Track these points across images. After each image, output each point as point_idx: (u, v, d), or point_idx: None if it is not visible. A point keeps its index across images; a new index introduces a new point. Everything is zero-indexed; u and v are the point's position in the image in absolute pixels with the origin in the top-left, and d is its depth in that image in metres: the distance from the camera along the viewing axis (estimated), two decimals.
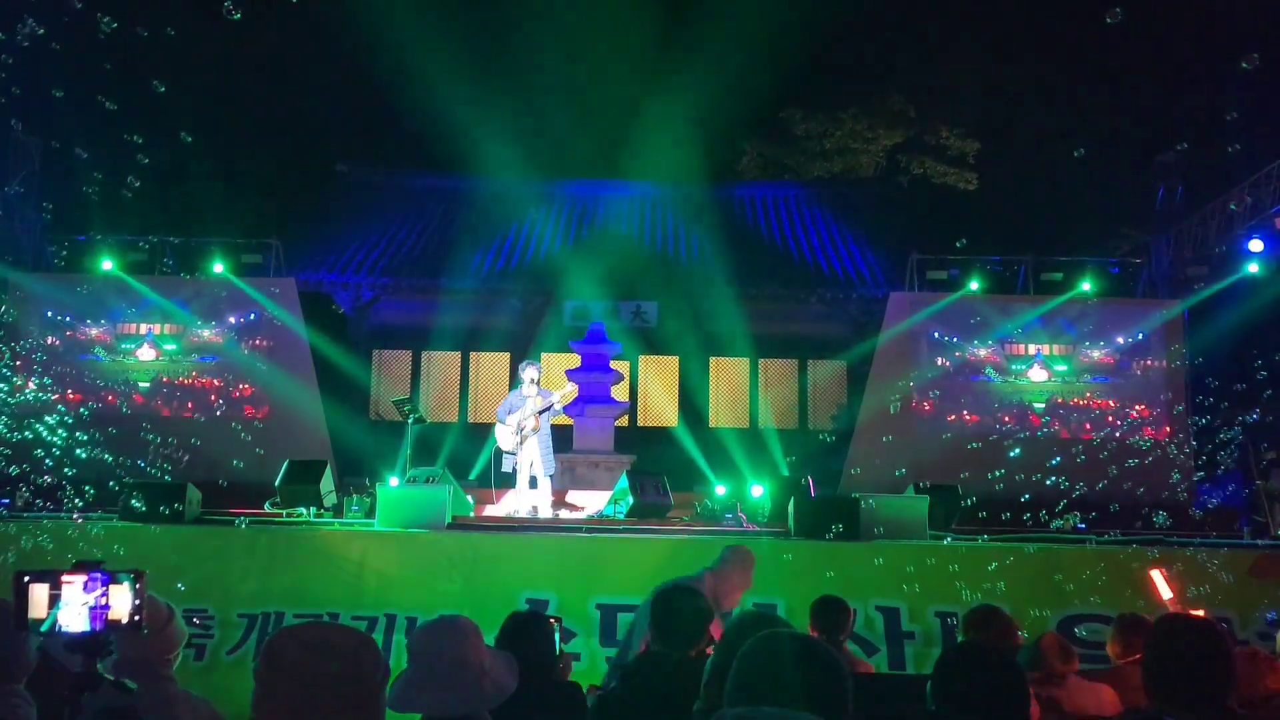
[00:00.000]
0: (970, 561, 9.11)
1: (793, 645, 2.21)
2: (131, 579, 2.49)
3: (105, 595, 2.47)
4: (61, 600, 2.44)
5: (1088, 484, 13.59)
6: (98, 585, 2.48)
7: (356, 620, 8.65)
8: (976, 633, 4.84)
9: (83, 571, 2.48)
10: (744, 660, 2.12)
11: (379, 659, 2.13)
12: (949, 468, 13.25)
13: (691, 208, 21.35)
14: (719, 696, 2.39)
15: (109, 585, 2.49)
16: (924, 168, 26.71)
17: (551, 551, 9.36)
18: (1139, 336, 15.07)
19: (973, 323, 15.18)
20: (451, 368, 20.34)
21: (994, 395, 15.18)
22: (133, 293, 14.86)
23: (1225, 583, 8.89)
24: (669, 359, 20.25)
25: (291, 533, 9.55)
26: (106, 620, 2.50)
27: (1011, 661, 2.99)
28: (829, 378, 20.41)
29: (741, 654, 2.13)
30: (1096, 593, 8.73)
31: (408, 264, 19.46)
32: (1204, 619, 3.62)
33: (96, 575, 2.49)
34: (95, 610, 2.47)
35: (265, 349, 14.78)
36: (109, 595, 2.47)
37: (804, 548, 9.37)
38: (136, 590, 2.50)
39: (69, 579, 2.48)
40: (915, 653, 8.62)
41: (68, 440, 13.42)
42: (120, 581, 2.50)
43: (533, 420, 11.57)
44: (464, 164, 22.23)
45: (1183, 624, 3.30)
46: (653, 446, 17.19)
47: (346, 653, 2.07)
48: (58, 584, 2.47)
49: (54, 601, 2.45)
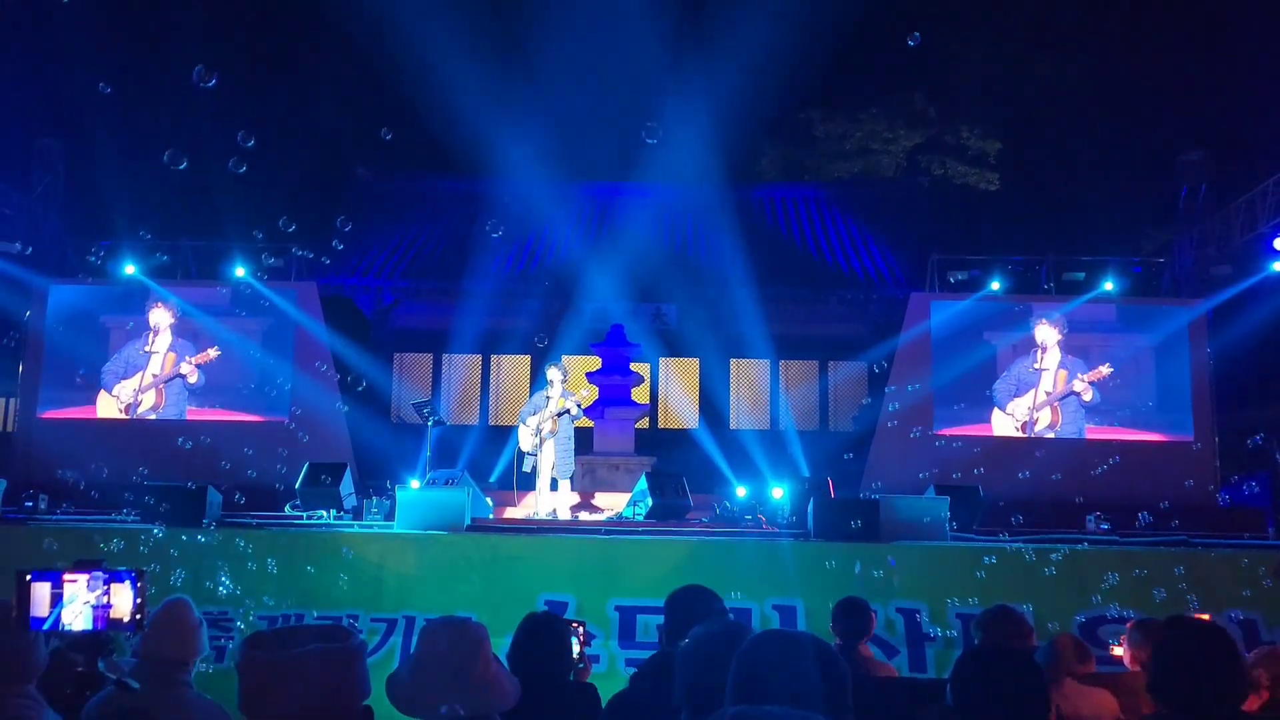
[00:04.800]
0: (991, 563, 9.05)
1: (791, 644, 2.20)
2: (133, 578, 2.49)
3: (107, 594, 2.46)
4: (64, 599, 2.44)
5: (1111, 485, 13.48)
6: (99, 584, 2.47)
7: (376, 622, 8.68)
8: (989, 633, 4.82)
9: (84, 570, 2.47)
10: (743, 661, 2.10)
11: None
12: (970, 468, 13.18)
13: (711, 209, 21.31)
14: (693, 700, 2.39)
15: (111, 584, 2.48)
16: (945, 168, 26.55)
17: (570, 553, 9.35)
18: (1163, 336, 14.93)
19: (993, 324, 15.08)
20: (472, 370, 20.38)
21: (1015, 395, 15.07)
22: (155, 296, 14.93)
23: (1252, 583, 8.80)
24: (689, 361, 20.23)
25: (311, 535, 9.57)
26: (109, 619, 2.49)
27: (1029, 662, 2.95)
28: (850, 379, 20.32)
29: (740, 653, 2.11)
30: (1119, 595, 8.65)
31: (428, 267, 19.50)
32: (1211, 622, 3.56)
33: (98, 574, 2.48)
34: (97, 609, 2.46)
35: (286, 353, 14.83)
36: (111, 594, 2.46)
37: (824, 549, 9.33)
38: (138, 589, 2.49)
39: (71, 577, 2.47)
40: (936, 655, 8.56)
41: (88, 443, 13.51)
42: (122, 580, 2.49)
43: (550, 423, 11.58)
44: (483, 167, 22.27)
45: (1189, 627, 3.20)
46: (673, 448, 17.17)
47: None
48: (60, 582, 2.45)
49: (56, 600, 2.44)
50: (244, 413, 14.69)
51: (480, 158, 22.18)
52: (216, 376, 14.78)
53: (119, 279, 15.17)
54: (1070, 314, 14.96)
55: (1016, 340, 15.01)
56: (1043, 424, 14.73)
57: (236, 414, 14.66)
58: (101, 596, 2.45)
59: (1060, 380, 14.78)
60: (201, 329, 14.92)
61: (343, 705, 2.07)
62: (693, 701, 2.43)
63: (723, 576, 8.28)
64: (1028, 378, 14.85)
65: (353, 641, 2.11)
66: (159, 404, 14.69)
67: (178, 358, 14.78)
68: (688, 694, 2.48)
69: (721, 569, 8.87)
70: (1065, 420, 14.73)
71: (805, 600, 8.74)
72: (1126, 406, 14.76)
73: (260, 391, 14.79)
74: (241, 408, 14.72)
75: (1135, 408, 14.77)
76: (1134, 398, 14.81)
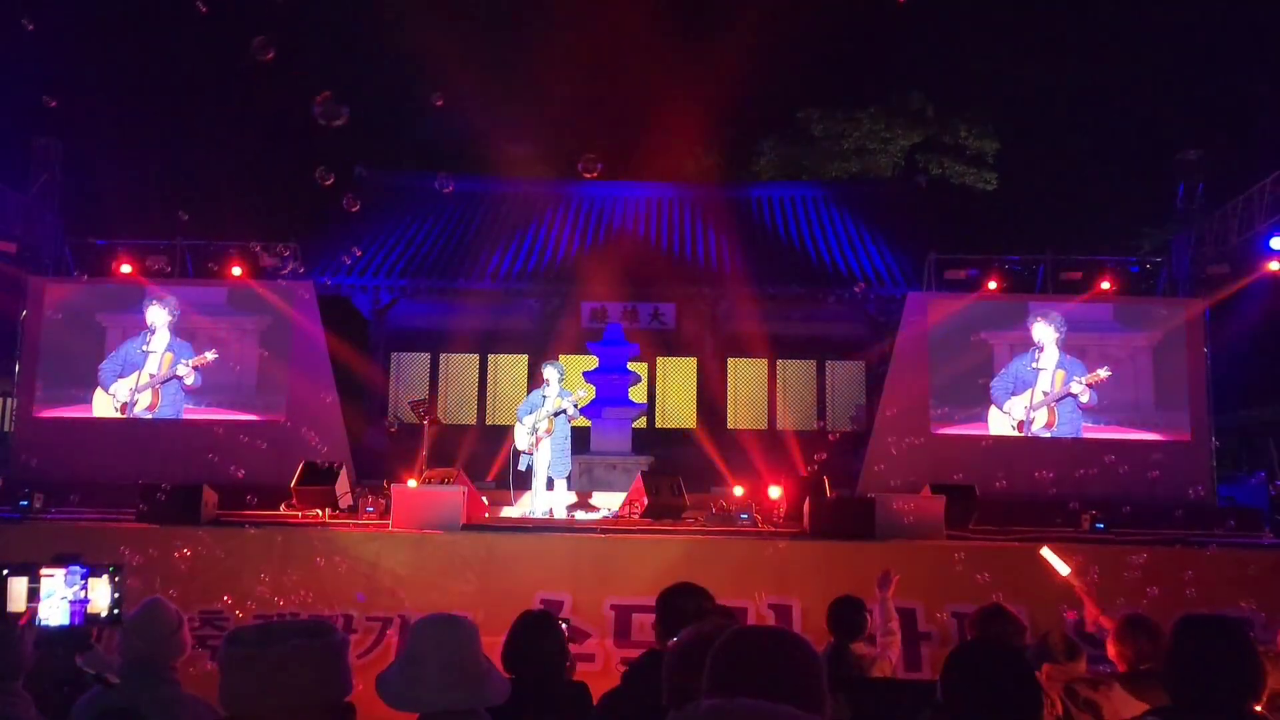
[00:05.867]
0: (987, 562, 9.05)
1: (765, 638, 2.20)
2: (111, 572, 2.46)
3: (85, 589, 2.42)
4: (41, 593, 2.40)
5: (1108, 484, 13.48)
6: (77, 579, 2.43)
7: (371, 621, 8.68)
8: (982, 631, 4.81)
9: (62, 565, 2.44)
10: (718, 655, 2.10)
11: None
12: (966, 467, 13.18)
13: (709, 208, 21.30)
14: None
15: (89, 578, 2.44)
16: (942, 167, 26.55)
17: (566, 552, 9.36)
18: (1160, 336, 14.91)
19: (991, 323, 15.06)
20: (469, 370, 20.37)
21: (1013, 394, 15.04)
22: (150, 296, 14.91)
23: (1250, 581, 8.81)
24: (687, 360, 20.22)
25: (307, 534, 9.56)
26: (85, 614, 2.46)
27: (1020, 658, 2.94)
28: (847, 378, 20.34)
29: (715, 649, 2.11)
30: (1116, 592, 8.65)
31: (425, 267, 19.47)
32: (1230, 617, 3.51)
33: (75, 568, 2.44)
34: (75, 604, 2.43)
35: (283, 352, 14.80)
36: (88, 589, 2.43)
37: (820, 548, 9.33)
38: (115, 584, 2.46)
39: (48, 572, 2.43)
40: (932, 653, 8.56)
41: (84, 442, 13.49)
42: (99, 575, 2.46)
43: (546, 422, 11.59)
44: (481, 166, 22.28)
45: (1205, 622, 3.12)
46: (671, 448, 17.17)
47: None
48: (36, 577, 2.42)
49: (33, 595, 2.41)
50: (241, 412, 14.65)
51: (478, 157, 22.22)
52: (213, 376, 14.74)
53: (116, 278, 15.14)
54: (1067, 313, 14.93)
55: (1014, 340, 14.99)
56: (1039, 424, 14.71)
57: (233, 413, 14.63)
58: (79, 591, 2.42)
59: (1058, 380, 14.76)
60: (198, 328, 14.89)
61: (324, 701, 2.05)
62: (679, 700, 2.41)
63: (718, 575, 8.27)
64: (1025, 377, 14.83)
65: (334, 638, 2.10)
66: (155, 403, 14.67)
67: (175, 357, 14.76)
68: (674, 693, 2.47)
69: (717, 568, 8.86)
70: (1062, 420, 14.72)
71: (801, 599, 8.74)
72: (1123, 406, 14.74)
73: (257, 391, 14.76)
74: (238, 407, 14.68)
75: (1132, 407, 14.74)
76: (1131, 397, 14.79)
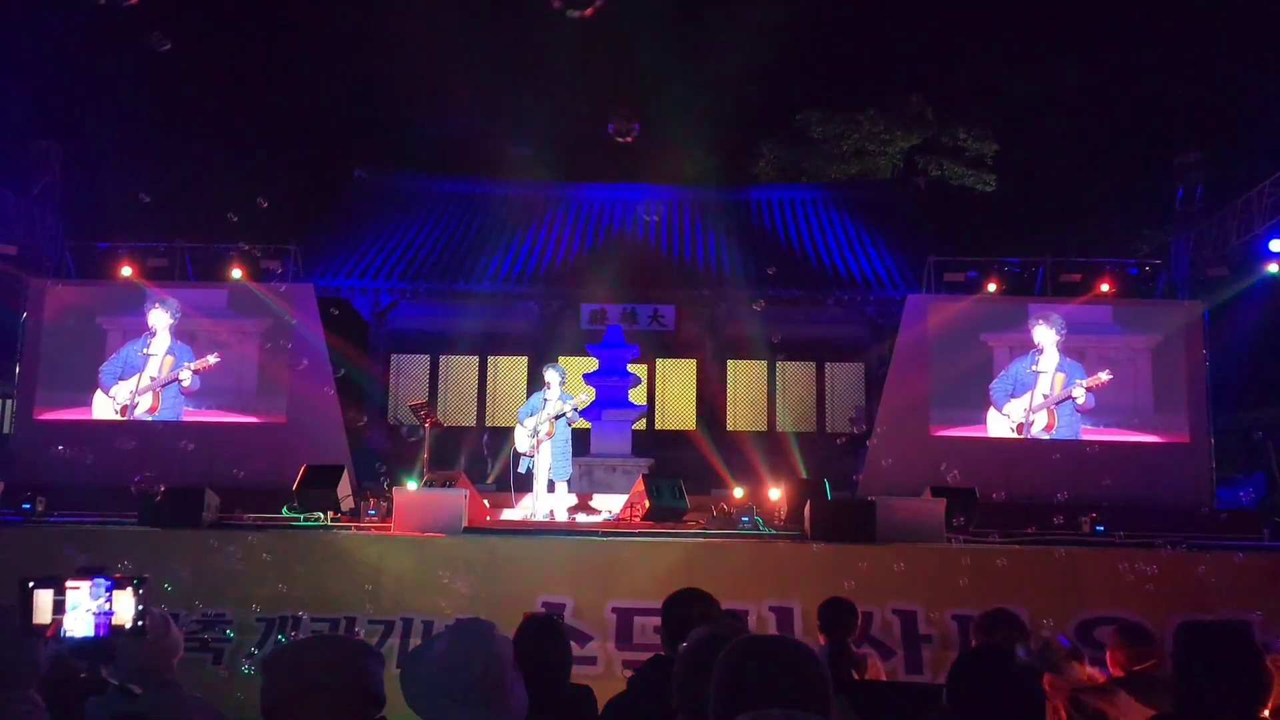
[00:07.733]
0: (987, 564, 9.06)
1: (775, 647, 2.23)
2: (135, 584, 2.51)
3: (109, 601, 2.48)
4: (66, 606, 2.46)
5: (1107, 487, 13.49)
6: (102, 591, 2.49)
7: (373, 624, 8.69)
8: (986, 636, 4.82)
9: (87, 577, 2.49)
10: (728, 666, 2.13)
11: None
12: (967, 470, 13.18)
13: (709, 210, 21.33)
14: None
15: (113, 591, 2.50)
16: (942, 169, 26.58)
17: (568, 555, 9.36)
18: (1159, 338, 14.93)
19: (991, 325, 15.09)
20: (469, 372, 20.39)
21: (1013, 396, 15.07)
22: (152, 298, 14.92)
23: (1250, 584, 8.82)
24: (686, 362, 20.26)
25: (308, 537, 9.58)
26: (110, 626, 2.50)
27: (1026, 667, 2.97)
28: (847, 380, 20.37)
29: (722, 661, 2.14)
30: (1115, 596, 8.68)
31: (426, 269, 19.48)
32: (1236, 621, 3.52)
33: (100, 580, 2.50)
34: (100, 616, 2.48)
35: (284, 354, 14.81)
36: (113, 601, 2.49)
37: (821, 551, 9.34)
38: (140, 596, 2.51)
39: (74, 584, 2.48)
40: (932, 656, 8.58)
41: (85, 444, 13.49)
42: (124, 587, 2.51)
43: (547, 425, 11.61)
44: (481, 168, 22.30)
45: (1211, 627, 3.11)
46: (670, 450, 17.19)
47: None
48: (62, 590, 2.47)
49: (58, 607, 2.46)
50: (241, 414, 14.67)
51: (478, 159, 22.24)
52: (214, 378, 14.75)
53: (116, 280, 15.16)
54: (1066, 315, 14.96)
55: (1013, 342, 15.01)
56: (1039, 426, 14.73)
57: (234, 415, 14.65)
58: (104, 604, 2.47)
59: (1058, 383, 14.78)
60: (199, 330, 14.90)
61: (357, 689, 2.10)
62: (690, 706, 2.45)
63: (720, 578, 8.30)
64: (1025, 379, 14.86)
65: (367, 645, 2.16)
66: (156, 406, 14.68)
67: (176, 360, 14.77)
68: (685, 699, 2.50)
69: (718, 571, 8.89)
70: (1061, 422, 14.74)
71: (802, 602, 8.74)
72: (1122, 408, 14.75)
73: (258, 393, 14.77)
74: (239, 409, 14.70)
75: (1131, 409, 14.76)
76: (1130, 399, 14.81)
